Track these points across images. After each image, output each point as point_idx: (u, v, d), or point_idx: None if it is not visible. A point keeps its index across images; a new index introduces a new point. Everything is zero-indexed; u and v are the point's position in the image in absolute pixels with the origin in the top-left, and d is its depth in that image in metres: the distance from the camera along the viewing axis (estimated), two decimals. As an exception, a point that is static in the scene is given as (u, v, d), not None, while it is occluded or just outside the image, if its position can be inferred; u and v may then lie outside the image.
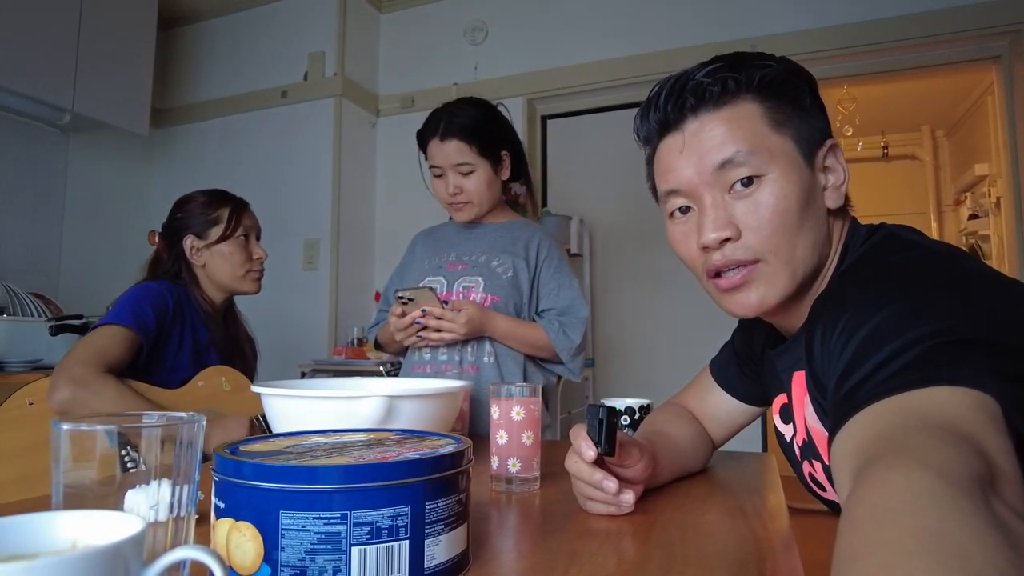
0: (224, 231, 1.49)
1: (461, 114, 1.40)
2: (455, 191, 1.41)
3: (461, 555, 0.53)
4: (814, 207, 0.69)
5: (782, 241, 0.67)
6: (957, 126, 5.04)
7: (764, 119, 0.68)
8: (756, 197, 0.67)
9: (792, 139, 0.69)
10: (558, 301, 1.42)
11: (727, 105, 0.69)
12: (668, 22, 3.01)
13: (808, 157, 0.70)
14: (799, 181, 0.68)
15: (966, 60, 2.75)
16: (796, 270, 0.68)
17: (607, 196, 3.24)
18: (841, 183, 0.71)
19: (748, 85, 0.69)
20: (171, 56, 3.65)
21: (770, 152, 0.67)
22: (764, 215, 0.67)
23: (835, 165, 0.71)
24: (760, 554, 0.59)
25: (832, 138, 0.71)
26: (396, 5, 3.56)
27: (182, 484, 0.46)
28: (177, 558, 0.35)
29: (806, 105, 0.71)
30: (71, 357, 1.21)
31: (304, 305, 3.18)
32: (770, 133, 0.68)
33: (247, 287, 1.53)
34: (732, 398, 0.97)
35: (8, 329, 2.31)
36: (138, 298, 1.34)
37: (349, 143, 3.29)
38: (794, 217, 0.67)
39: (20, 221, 2.91)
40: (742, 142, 0.67)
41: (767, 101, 0.69)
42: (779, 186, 0.67)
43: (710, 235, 0.68)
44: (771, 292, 0.69)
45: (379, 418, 0.80)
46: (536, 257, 1.45)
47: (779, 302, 0.69)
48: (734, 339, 0.98)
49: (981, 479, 0.39)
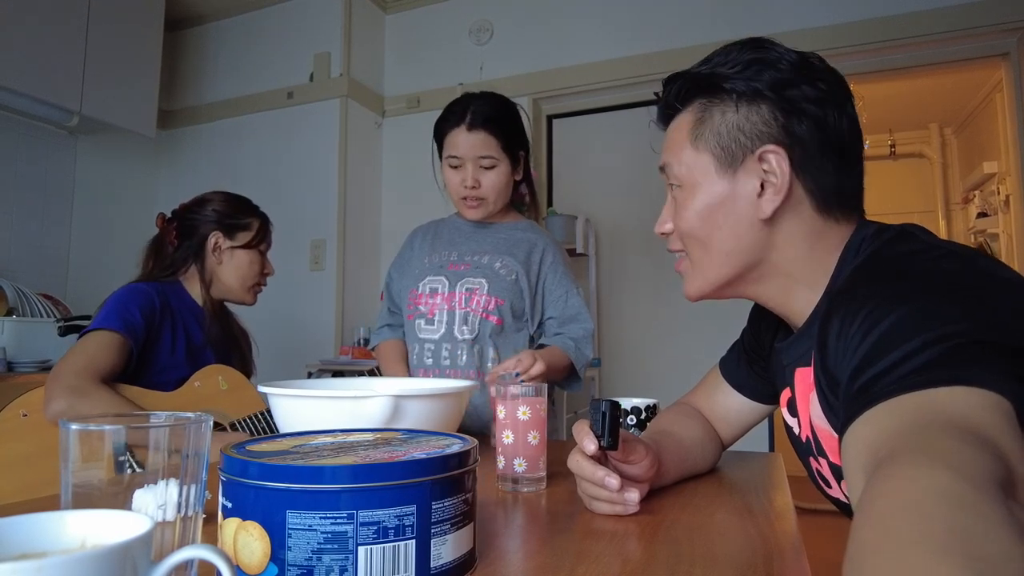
0: (251, 239, 1.50)
1: (488, 106, 1.36)
2: (473, 184, 1.36)
3: (467, 555, 0.53)
4: (728, 218, 0.72)
5: (691, 246, 0.76)
6: (965, 123, 5.01)
7: (689, 132, 0.74)
8: (676, 202, 0.77)
9: (710, 152, 0.72)
10: (566, 309, 1.40)
11: (676, 116, 0.78)
12: (673, 21, 3.00)
13: (729, 167, 0.71)
14: (707, 194, 0.73)
15: (974, 57, 2.73)
16: (707, 274, 0.76)
17: (613, 196, 3.23)
18: (777, 190, 0.69)
19: (686, 97, 0.75)
20: (178, 58, 3.67)
21: (684, 164, 0.74)
22: (678, 220, 0.76)
23: (772, 169, 0.69)
24: (767, 554, 0.58)
25: (772, 144, 0.69)
26: (401, 6, 3.57)
27: (189, 484, 0.46)
28: (185, 557, 0.35)
29: (740, 113, 0.70)
30: (64, 367, 1.20)
31: (311, 305, 3.19)
32: (688, 146, 0.74)
33: (247, 298, 1.53)
34: (742, 396, 0.96)
35: (17, 329, 2.33)
36: (124, 301, 1.32)
37: (355, 143, 3.30)
38: (698, 227, 0.74)
39: (29, 222, 2.93)
40: (667, 153, 0.77)
41: (699, 111, 0.74)
42: (686, 195, 0.75)
43: (656, 227, 0.81)
44: (690, 287, 0.79)
45: (385, 418, 0.81)
46: (540, 264, 1.42)
47: (701, 295, 0.78)
48: (743, 337, 0.97)
49: (999, 481, 0.39)
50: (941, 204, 5.31)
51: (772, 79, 0.70)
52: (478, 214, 1.41)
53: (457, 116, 1.36)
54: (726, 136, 0.71)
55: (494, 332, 1.37)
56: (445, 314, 1.38)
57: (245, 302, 1.54)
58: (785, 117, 0.70)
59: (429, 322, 1.40)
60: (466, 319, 1.37)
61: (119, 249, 3.28)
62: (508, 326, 1.39)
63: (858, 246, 0.70)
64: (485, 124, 1.34)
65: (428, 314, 1.40)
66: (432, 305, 1.40)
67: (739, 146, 0.71)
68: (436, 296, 1.40)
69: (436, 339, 1.39)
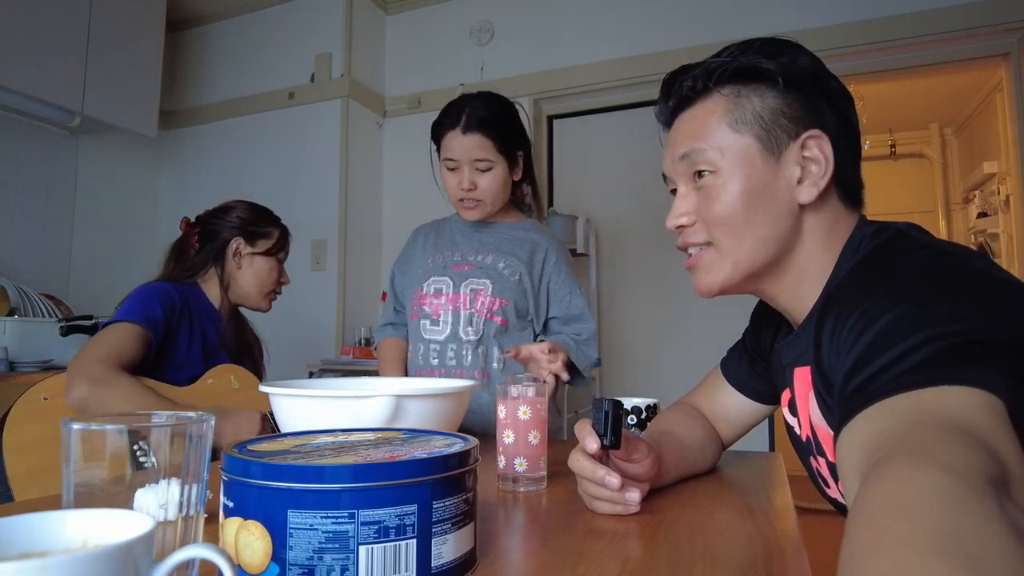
0: (271, 247, 1.55)
1: (484, 108, 1.35)
2: (469, 187, 1.36)
3: (468, 554, 0.53)
4: (769, 203, 0.71)
5: (723, 233, 0.73)
6: (965, 124, 5.00)
7: (725, 115, 0.72)
8: (706, 190, 0.73)
9: (752, 135, 0.71)
10: (570, 309, 1.41)
11: (698, 101, 0.75)
12: (674, 22, 3.00)
13: (772, 152, 0.71)
14: (749, 178, 0.71)
15: (975, 57, 2.73)
16: (739, 261, 0.73)
17: (613, 196, 3.23)
18: (822, 175, 0.70)
19: (719, 80, 0.73)
20: (179, 58, 3.68)
21: (720, 149, 0.72)
22: (711, 207, 0.73)
23: (816, 156, 0.70)
24: (768, 554, 0.59)
25: (814, 129, 0.70)
26: (402, 6, 3.57)
27: (191, 483, 0.46)
28: (186, 556, 0.36)
29: (781, 98, 0.71)
30: (86, 354, 1.23)
31: (312, 305, 3.19)
32: (726, 130, 0.72)
33: (262, 305, 1.58)
34: (743, 396, 0.97)
35: (20, 329, 2.33)
36: (147, 297, 1.36)
37: (356, 144, 3.30)
38: (738, 213, 0.71)
39: (31, 223, 2.93)
40: (698, 139, 0.73)
41: (732, 96, 0.72)
42: (723, 181, 0.72)
43: (668, 222, 0.78)
44: (713, 278, 0.75)
45: (386, 418, 0.81)
46: (543, 264, 1.42)
47: (723, 287, 0.75)
48: (745, 337, 0.98)
49: (994, 481, 0.39)
50: (941, 204, 5.31)
51: (809, 68, 0.72)
52: (475, 215, 1.41)
53: (452, 118, 1.35)
54: (769, 120, 0.71)
55: (498, 332, 1.38)
56: (450, 315, 1.39)
57: (260, 308, 1.58)
58: (819, 104, 0.71)
59: (434, 323, 1.40)
60: (471, 320, 1.37)
61: (121, 249, 3.29)
62: (512, 326, 1.39)
63: (858, 243, 0.71)
64: (480, 126, 1.33)
65: (433, 315, 1.40)
66: (437, 306, 1.40)
67: (783, 130, 0.71)
68: (441, 296, 1.40)
69: (442, 340, 1.39)
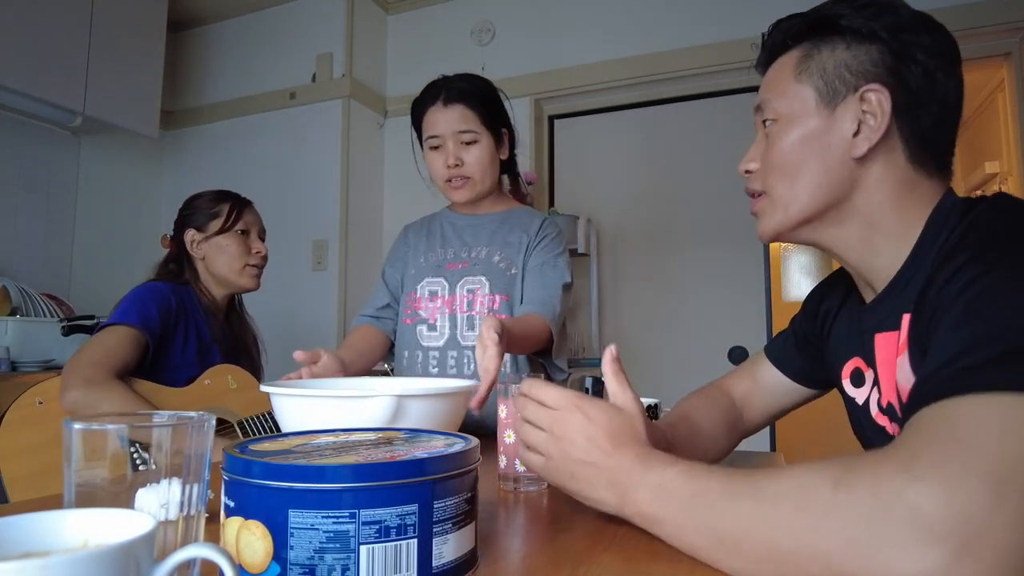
0: (223, 224, 1.53)
1: (464, 81, 1.33)
2: (455, 162, 1.30)
3: (469, 554, 0.53)
4: (823, 152, 0.72)
5: (776, 181, 0.75)
6: (967, 123, 4.99)
7: (794, 68, 0.75)
8: (770, 138, 0.76)
9: (812, 86, 0.73)
10: (542, 275, 1.32)
11: (780, 56, 0.78)
12: (675, 22, 3.00)
13: (829, 103, 0.72)
14: (804, 126, 0.73)
15: (976, 57, 2.72)
16: (789, 207, 0.74)
17: (614, 196, 3.23)
18: (877, 129, 0.69)
19: (796, 36, 0.76)
20: (180, 58, 3.68)
21: (784, 98, 0.75)
22: (768, 154, 0.76)
23: (874, 110, 0.70)
24: (768, 554, 0.58)
25: (875, 83, 0.70)
26: (403, 6, 3.57)
27: (192, 483, 0.46)
28: (187, 556, 0.36)
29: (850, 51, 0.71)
30: (81, 358, 1.23)
31: (313, 305, 3.19)
32: (791, 81, 0.75)
33: (245, 282, 1.55)
34: (781, 375, 0.96)
35: (21, 329, 2.33)
36: (142, 298, 1.36)
37: (357, 144, 3.30)
38: (793, 160, 0.73)
39: (32, 223, 2.93)
40: (767, 90, 0.78)
41: (802, 49, 0.75)
42: (781, 129, 0.74)
43: (740, 165, 0.81)
44: (767, 224, 0.77)
45: (387, 417, 0.81)
46: (528, 248, 1.35)
47: (776, 233, 0.77)
48: (793, 325, 0.98)
49: None
50: (943, 204, 5.29)
51: (889, 21, 0.71)
52: (465, 195, 1.35)
53: (431, 94, 1.34)
54: (831, 72, 0.72)
55: None
56: (447, 319, 1.34)
57: (245, 287, 1.56)
58: (895, 59, 0.71)
59: (431, 328, 1.35)
60: (470, 323, 1.33)
61: (122, 249, 3.29)
62: None
63: (949, 209, 0.69)
64: (462, 97, 1.31)
65: (429, 320, 1.36)
66: (433, 310, 1.36)
67: (843, 82, 0.72)
68: (436, 300, 1.36)
69: (440, 346, 1.34)
